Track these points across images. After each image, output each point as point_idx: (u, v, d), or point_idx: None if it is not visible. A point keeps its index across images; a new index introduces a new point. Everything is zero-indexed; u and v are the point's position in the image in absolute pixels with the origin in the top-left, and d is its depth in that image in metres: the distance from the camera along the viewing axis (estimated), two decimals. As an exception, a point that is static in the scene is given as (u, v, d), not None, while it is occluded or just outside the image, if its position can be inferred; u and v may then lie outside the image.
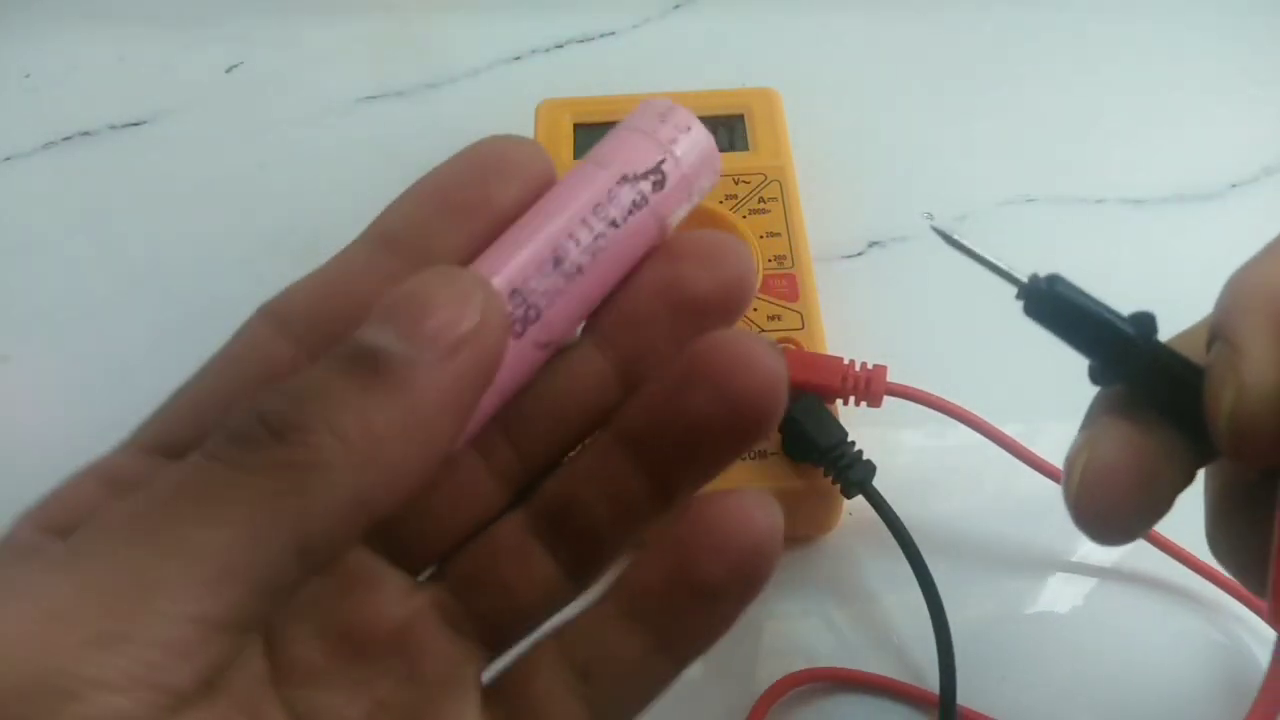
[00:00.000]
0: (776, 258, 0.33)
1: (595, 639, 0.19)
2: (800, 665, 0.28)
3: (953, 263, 0.20)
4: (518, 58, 0.45)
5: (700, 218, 0.33)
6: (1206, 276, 0.19)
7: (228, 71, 0.45)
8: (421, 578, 0.19)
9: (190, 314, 0.36)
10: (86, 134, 0.42)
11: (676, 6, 0.47)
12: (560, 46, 0.46)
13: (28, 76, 0.45)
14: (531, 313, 0.17)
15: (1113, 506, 0.18)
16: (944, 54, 0.45)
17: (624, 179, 0.17)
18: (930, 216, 0.39)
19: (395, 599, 0.19)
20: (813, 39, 0.46)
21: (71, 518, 0.16)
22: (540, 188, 0.18)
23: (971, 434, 0.30)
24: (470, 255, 0.18)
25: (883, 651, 0.29)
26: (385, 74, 0.44)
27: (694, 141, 0.18)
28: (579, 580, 0.19)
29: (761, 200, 0.35)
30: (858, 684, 0.28)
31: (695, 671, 0.18)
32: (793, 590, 0.30)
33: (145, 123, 0.43)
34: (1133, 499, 0.18)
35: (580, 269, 0.17)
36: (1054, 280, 0.18)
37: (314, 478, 0.14)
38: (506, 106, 0.40)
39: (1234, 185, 0.40)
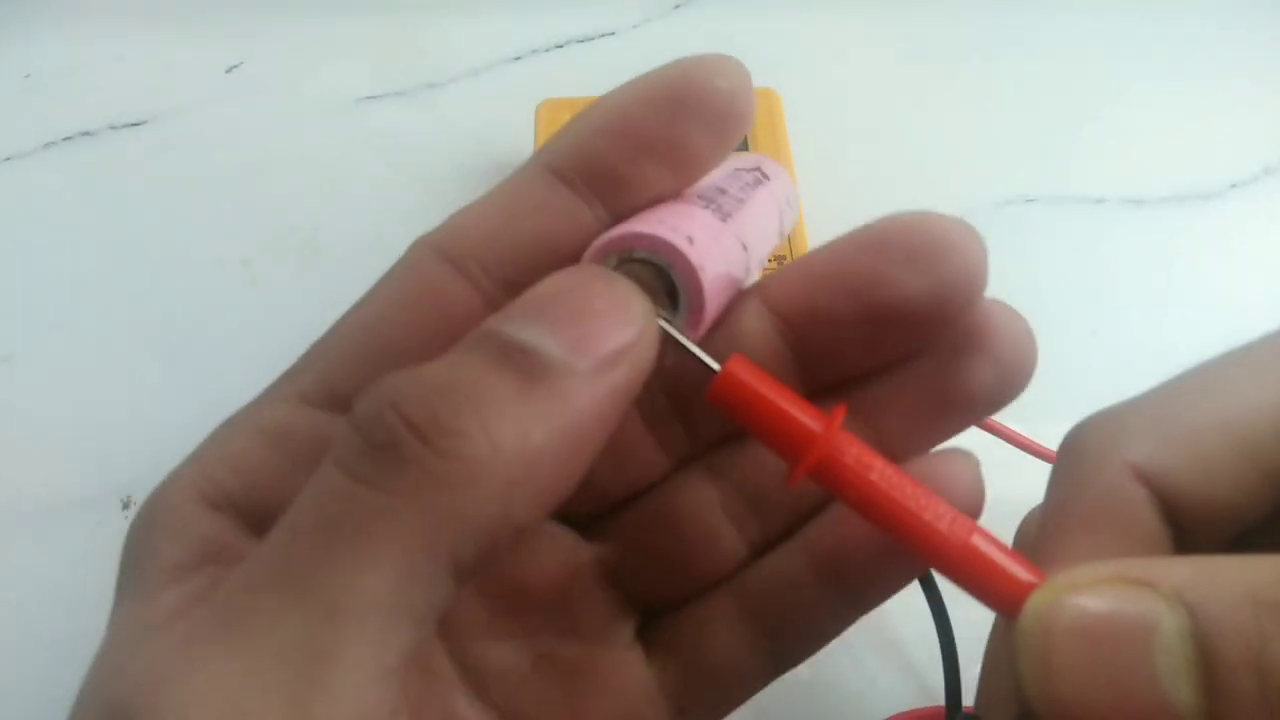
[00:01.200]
0: (777, 258, 0.33)
1: (787, 597, 0.18)
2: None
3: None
4: (518, 58, 0.45)
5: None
6: (1206, 276, 0.19)
7: (228, 71, 0.45)
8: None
9: (190, 314, 0.36)
10: (86, 134, 0.42)
11: (676, 6, 0.47)
12: (560, 46, 0.46)
13: (28, 76, 0.45)
14: (726, 208, 0.18)
15: None
16: (944, 54, 0.45)
17: (738, 169, 0.19)
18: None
19: (558, 556, 0.19)
20: (813, 39, 0.46)
21: (240, 481, 0.15)
22: (740, 129, 0.17)
23: (974, 431, 0.30)
24: (654, 197, 0.17)
25: (885, 651, 0.29)
26: (385, 74, 0.44)
27: (772, 162, 0.21)
28: (762, 552, 0.19)
29: (762, 200, 0.35)
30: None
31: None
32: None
33: (145, 123, 0.43)
34: None
35: (741, 201, 0.18)
36: None
37: (469, 495, 0.13)
38: (506, 106, 0.40)
39: (1234, 185, 0.40)
